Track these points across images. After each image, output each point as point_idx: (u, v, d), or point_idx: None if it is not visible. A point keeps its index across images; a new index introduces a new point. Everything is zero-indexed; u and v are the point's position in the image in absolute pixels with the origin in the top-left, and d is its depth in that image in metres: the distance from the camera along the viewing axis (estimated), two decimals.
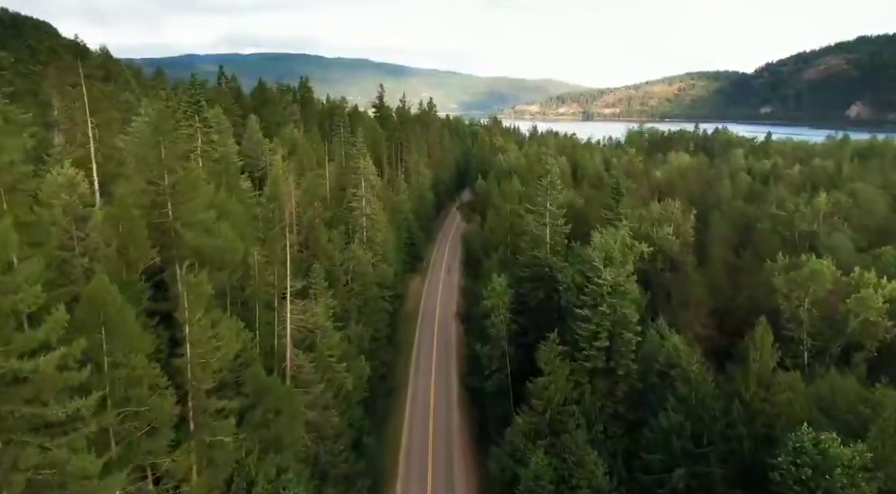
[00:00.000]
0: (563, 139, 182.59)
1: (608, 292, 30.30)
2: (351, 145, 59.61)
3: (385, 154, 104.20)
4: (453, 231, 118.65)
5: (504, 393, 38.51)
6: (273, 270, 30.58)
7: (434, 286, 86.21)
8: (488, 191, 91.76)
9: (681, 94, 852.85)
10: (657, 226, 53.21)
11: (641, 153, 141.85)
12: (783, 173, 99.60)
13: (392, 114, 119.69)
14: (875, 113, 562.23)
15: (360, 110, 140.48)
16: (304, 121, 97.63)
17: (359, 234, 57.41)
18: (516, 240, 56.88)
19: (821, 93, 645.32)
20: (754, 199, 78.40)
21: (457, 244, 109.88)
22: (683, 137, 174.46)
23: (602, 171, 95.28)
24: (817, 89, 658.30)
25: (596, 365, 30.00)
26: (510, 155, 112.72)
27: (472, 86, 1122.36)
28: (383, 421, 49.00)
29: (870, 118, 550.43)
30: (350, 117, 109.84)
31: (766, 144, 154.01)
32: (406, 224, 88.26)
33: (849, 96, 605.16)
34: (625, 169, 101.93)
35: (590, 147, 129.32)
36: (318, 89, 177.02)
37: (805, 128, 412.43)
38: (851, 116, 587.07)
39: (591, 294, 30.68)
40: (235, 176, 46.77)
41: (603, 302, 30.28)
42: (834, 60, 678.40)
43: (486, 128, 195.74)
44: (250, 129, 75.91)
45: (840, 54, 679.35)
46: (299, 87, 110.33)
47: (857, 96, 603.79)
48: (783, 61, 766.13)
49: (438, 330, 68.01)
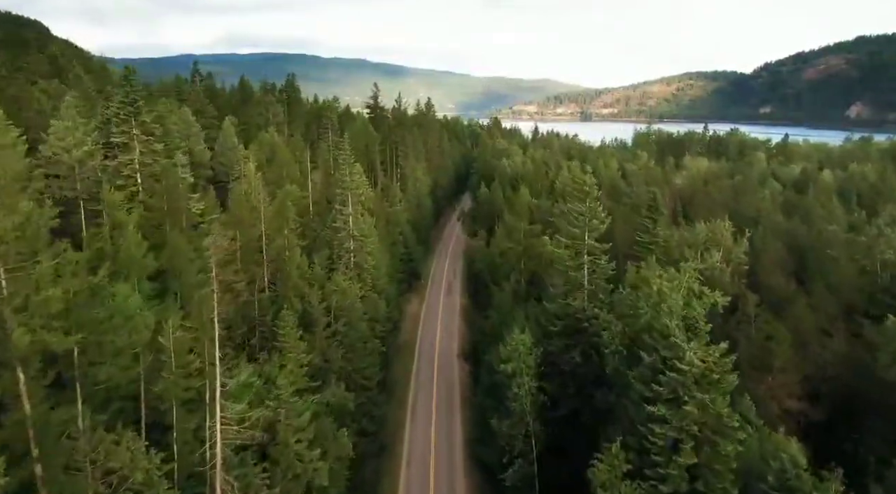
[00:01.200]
0: (567, 141, 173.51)
1: (695, 381, 20.85)
2: (339, 151, 50.21)
3: (379, 159, 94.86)
4: (453, 241, 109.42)
5: (529, 486, 29.18)
6: (202, 352, 21.14)
7: (433, 308, 76.89)
8: (492, 200, 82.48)
9: (679, 95, 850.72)
10: (702, 251, 44.11)
11: (652, 157, 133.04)
12: (817, 179, 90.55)
13: (387, 116, 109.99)
14: (875, 113, 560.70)
15: (354, 111, 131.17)
16: (288, 124, 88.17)
17: (345, 260, 48.05)
18: (531, 266, 47.70)
19: (820, 93, 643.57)
20: (792, 211, 69.36)
21: (457, 256, 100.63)
22: (693, 139, 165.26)
23: (619, 181, 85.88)
24: (817, 89, 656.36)
25: (678, 489, 20.30)
26: (515, 159, 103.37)
27: (470, 86, 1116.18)
28: (372, 490, 39.87)
29: (870, 118, 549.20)
30: (341, 119, 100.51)
31: (784, 146, 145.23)
32: (402, 238, 78.97)
33: (849, 96, 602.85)
34: (643, 176, 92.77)
35: (603, 151, 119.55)
36: (314, 89, 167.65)
37: (805, 129, 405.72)
38: (852, 116, 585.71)
39: (670, 383, 21.15)
40: (178, 195, 37.31)
41: (689, 397, 20.79)
42: (833, 60, 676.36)
43: (486, 129, 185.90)
44: (224, 133, 66.52)
45: (839, 54, 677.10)
46: (285, 86, 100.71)
47: (857, 96, 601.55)
48: (782, 61, 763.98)
49: (439, 367, 58.64)
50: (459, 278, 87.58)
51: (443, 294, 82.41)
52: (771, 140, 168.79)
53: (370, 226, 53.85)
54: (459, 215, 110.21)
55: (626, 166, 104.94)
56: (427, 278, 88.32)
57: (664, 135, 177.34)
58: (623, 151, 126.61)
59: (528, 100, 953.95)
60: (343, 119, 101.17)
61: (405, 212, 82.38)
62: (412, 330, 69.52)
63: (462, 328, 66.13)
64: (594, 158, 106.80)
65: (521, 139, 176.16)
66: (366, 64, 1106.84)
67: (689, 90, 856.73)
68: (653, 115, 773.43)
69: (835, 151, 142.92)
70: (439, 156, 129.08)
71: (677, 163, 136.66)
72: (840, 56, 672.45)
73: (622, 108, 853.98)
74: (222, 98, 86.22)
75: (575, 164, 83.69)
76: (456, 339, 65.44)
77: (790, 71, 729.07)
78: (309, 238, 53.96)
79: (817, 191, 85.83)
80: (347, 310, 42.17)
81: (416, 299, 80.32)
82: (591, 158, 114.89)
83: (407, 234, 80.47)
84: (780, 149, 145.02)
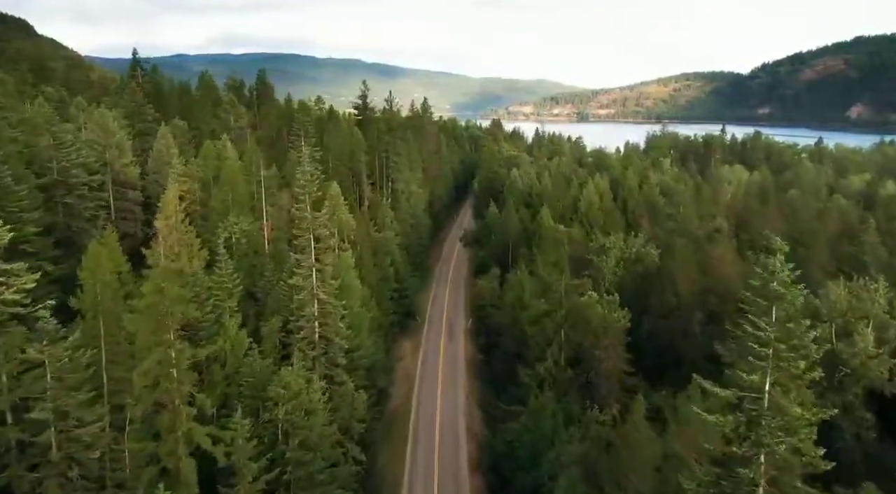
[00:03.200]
0: (576, 145, 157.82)
1: None
2: (301, 172, 34.56)
3: (366, 170, 79.27)
4: (454, 261, 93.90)
5: None
6: None
7: (432, 361, 61.32)
8: (504, 224, 67.06)
9: (676, 95, 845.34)
10: (837, 324, 29.12)
11: (675, 164, 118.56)
12: (887, 194, 75.83)
13: (378, 118, 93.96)
14: (877, 114, 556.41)
15: (342, 112, 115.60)
16: (253, 129, 72.54)
17: (307, 334, 32.66)
18: (579, 339, 32.63)
19: (820, 93, 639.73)
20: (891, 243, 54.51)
21: (459, 284, 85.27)
22: (714, 143, 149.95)
23: (657, 196, 70.66)
24: (815, 90, 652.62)
25: None
26: (527, 170, 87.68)
27: (465, 86, 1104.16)
28: None
29: (872, 119, 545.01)
30: (322, 122, 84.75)
31: (819, 151, 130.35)
32: (393, 268, 63.68)
33: (848, 97, 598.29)
34: (683, 192, 77.56)
35: (628, 159, 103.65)
36: (309, 89, 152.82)
37: (805, 130, 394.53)
38: (853, 117, 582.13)
39: None
40: None
41: None
42: (831, 61, 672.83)
43: (488, 131, 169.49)
44: (158, 144, 50.87)
45: (838, 55, 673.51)
46: (257, 83, 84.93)
47: (858, 97, 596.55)
48: (780, 62, 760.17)
49: (441, 455, 43.28)
50: (462, 313, 72.40)
51: (443, 338, 67.01)
52: (798, 144, 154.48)
53: (348, 274, 38.32)
54: (463, 237, 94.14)
55: (650, 175, 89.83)
56: (424, 316, 72.65)
57: (680, 138, 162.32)
58: (641, 157, 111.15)
59: (524, 100, 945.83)
60: (326, 122, 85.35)
61: (397, 237, 67.00)
62: (405, 396, 53.91)
63: (470, 400, 50.62)
64: (616, 167, 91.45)
65: (526, 143, 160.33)
66: (361, 64, 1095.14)
67: (687, 91, 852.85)
68: (650, 116, 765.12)
69: (875, 157, 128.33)
70: (437, 163, 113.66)
71: (702, 170, 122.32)
72: (838, 57, 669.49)
73: (619, 109, 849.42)
74: (171, 98, 70.32)
75: (603, 180, 68.51)
76: (462, 413, 49.98)
77: (788, 71, 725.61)
78: (263, 292, 38.50)
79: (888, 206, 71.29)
80: (301, 429, 26.75)
81: (410, 346, 64.79)
82: (609, 165, 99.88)
83: (399, 264, 65.20)
84: (814, 154, 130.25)
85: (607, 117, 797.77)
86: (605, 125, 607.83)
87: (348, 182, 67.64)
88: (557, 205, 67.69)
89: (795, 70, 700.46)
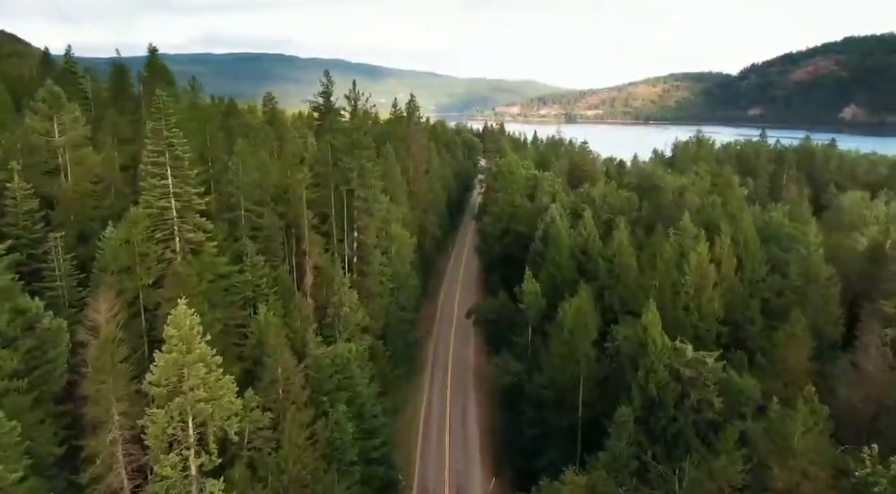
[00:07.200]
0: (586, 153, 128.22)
1: None
2: None
3: (311, 218, 48.88)
4: (453, 340, 63.76)
5: None
6: None
7: None
8: (570, 346, 36.57)
9: (665, 96, 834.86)
10: None
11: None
12: None
13: (339, 128, 61.76)
14: (871, 115, 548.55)
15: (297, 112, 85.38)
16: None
17: None
18: None
19: (811, 94, 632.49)
20: None
21: (466, 385, 56.25)
22: (759, 150, 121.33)
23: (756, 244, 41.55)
24: (807, 91, 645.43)
25: None
26: (563, 202, 56.07)
27: (451, 87, 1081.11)
28: None
29: (866, 120, 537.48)
30: (253, 132, 54.05)
31: (874, 159, 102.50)
32: (360, 404, 33.92)
33: (840, 98, 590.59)
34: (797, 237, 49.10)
35: (698, 185, 75.00)
36: (291, 91, 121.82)
37: (799, 131, 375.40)
38: (847, 118, 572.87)
39: None
40: None
41: None
42: (822, 61, 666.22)
43: (489, 139, 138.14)
44: None
45: (828, 55, 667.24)
46: (147, 67, 54.09)
47: (850, 98, 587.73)
48: (769, 62, 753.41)
49: None
50: (480, 468, 42.56)
51: None
52: (836, 150, 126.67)
53: None
54: (469, 313, 62.25)
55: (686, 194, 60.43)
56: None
57: (708, 143, 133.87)
58: (701, 175, 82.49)
59: (510, 101, 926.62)
60: (257, 135, 54.53)
61: (362, 343, 36.95)
62: None
63: None
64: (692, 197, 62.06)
65: (535, 151, 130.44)
66: (344, 64, 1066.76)
67: (676, 91, 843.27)
68: (639, 117, 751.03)
69: None
70: (427, 184, 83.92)
71: (772, 190, 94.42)
72: (829, 57, 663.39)
73: (607, 110, 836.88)
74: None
75: (703, 242, 39.29)
76: None
77: (778, 72, 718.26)
78: None
79: None
80: None
81: None
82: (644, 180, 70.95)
83: (366, 397, 35.36)
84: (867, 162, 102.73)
85: (595, 118, 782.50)
86: (594, 126, 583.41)
87: (276, 241, 37.89)
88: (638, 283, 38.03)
89: (785, 71, 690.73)
